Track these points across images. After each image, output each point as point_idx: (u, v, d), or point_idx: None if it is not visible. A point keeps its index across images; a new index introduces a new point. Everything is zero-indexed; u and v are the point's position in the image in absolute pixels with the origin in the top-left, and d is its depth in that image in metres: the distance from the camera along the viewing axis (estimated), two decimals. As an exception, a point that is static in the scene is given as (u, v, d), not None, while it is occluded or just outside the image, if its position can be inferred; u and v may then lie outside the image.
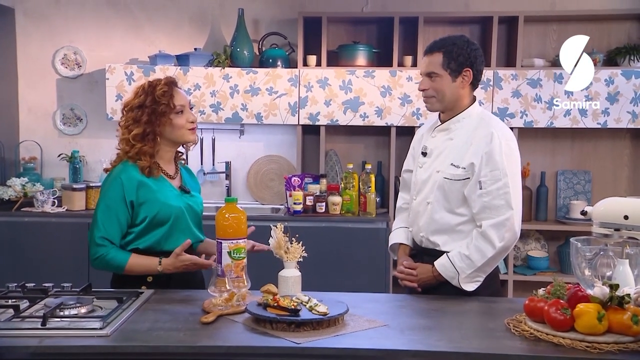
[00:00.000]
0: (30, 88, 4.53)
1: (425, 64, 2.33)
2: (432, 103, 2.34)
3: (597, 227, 1.92)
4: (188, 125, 2.32)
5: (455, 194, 2.26)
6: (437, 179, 2.30)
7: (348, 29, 4.45)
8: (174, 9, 4.49)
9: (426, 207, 2.33)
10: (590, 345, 1.65)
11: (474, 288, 2.24)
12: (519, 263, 4.39)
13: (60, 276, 2.68)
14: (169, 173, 2.36)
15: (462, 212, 2.27)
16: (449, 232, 2.29)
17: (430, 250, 2.33)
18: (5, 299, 2.00)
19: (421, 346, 1.71)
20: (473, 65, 2.30)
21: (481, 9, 4.36)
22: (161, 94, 2.26)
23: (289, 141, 4.50)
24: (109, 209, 2.24)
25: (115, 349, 1.70)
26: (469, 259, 2.21)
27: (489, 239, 2.19)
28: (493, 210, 2.19)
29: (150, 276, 2.26)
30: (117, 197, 2.24)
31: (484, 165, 2.21)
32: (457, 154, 2.28)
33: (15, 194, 4.06)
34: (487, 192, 2.20)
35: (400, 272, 2.36)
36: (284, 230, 2.13)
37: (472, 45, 2.32)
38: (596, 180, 4.40)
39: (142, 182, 2.26)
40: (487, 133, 2.24)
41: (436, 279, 2.27)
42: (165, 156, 2.36)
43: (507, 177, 2.20)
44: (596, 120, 4.09)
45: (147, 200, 2.25)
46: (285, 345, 1.71)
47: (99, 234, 2.22)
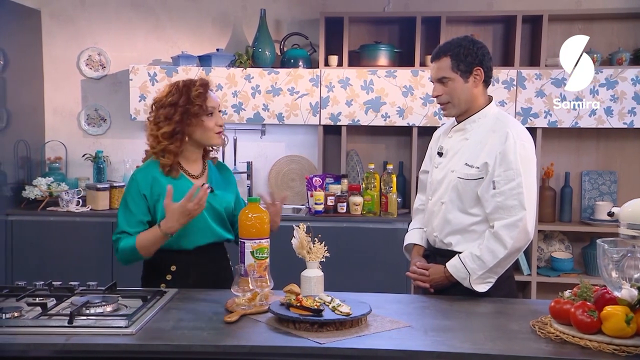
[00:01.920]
0: (56, 89, 4.60)
1: (434, 70, 2.31)
2: (449, 109, 2.33)
3: (625, 229, 1.89)
4: (216, 128, 2.32)
5: (469, 194, 2.25)
6: (452, 179, 2.29)
7: (370, 28, 4.44)
8: (197, 10, 4.53)
9: (440, 207, 2.32)
10: (618, 349, 1.63)
11: (485, 289, 2.22)
12: (543, 264, 4.33)
13: (85, 275, 2.73)
14: (192, 173, 2.36)
15: (476, 212, 2.25)
16: (462, 233, 2.27)
17: (444, 251, 2.32)
18: (32, 297, 2.03)
19: (445, 347, 1.70)
20: (482, 63, 2.28)
21: (505, 8, 4.32)
22: (196, 95, 2.27)
23: (310, 141, 4.50)
24: (127, 206, 2.29)
25: (141, 347, 1.71)
26: (480, 259, 2.19)
27: (501, 240, 2.17)
28: (506, 211, 2.18)
29: (169, 274, 2.29)
30: (134, 194, 2.29)
31: (497, 165, 2.19)
32: (471, 154, 2.27)
33: (41, 194, 4.12)
34: (500, 192, 2.18)
35: (412, 273, 2.36)
36: (307, 230, 2.14)
37: (477, 44, 2.30)
38: (622, 181, 4.33)
39: (156, 179, 2.28)
40: (502, 133, 2.23)
41: (448, 279, 2.26)
42: (191, 157, 2.37)
43: (521, 177, 2.17)
44: (622, 120, 4.03)
45: (161, 198, 2.25)
46: (308, 345, 1.71)
47: (116, 231, 2.29)
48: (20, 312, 1.87)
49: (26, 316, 1.87)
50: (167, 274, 2.30)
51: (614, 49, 4.20)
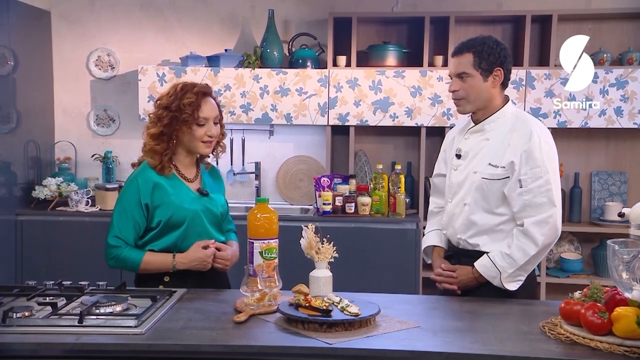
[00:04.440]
0: (65, 90, 4.62)
1: (455, 64, 2.31)
2: (463, 105, 2.32)
3: (635, 229, 1.88)
4: (205, 137, 2.29)
5: (495, 194, 2.25)
6: (475, 180, 2.28)
7: (378, 29, 4.44)
8: (205, 11, 4.54)
9: (463, 208, 2.31)
10: (629, 350, 1.62)
11: (516, 287, 2.22)
12: (552, 265, 4.31)
13: (94, 274, 2.72)
14: (187, 176, 2.36)
15: (502, 211, 2.25)
16: (489, 233, 2.27)
17: (469, 252, 2.31)
18: (43, 296, 2.04)
19: (454, 348, 1.69)
20: (503, 65, 2.29)
21: (514, 7, 4.30)
22: (187, 103, 2.24)
23: (318, 142, 4.50)
24: (125, 211, 2.26)
25: (150, 347, 1.72)
26: (510, 257, 2.19)
27: (532, 237, 2.17)
28: (535, 208, 2.18)
29: (167, 276, 2.28)
30: (133, 200, 2.26)
31: (524, 163, 2.20)
32: (495, 154, 2.27)
33: (50, 194, 4.14)
34: (528, 190, 2.19)
35: (439, 275, 2.34)
36: (315, 230, 2.13)
37: (501, 45, 2.31)
38: (632, 182, 4.30)
39: (157, 184, 2.27)
40: (526, 131, 2.23)
41: (477, 280, 2.26)
42: (184, 161, 2.36)
43: (549, 174, 2.19)
44: (632, 120, 4.00)
45: (162, 203, 2.25)
46: (317, 345, 1.71)
47: (113, 234, 2.25)
48: (30, 312, 1.88)
49: (36, 316, 1.88)
50: (165, 275, 2.29)
51: (624, 48, 4.18)
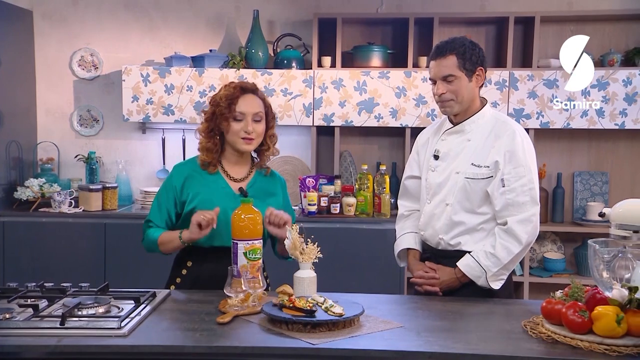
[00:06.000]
0: (48, 90, 4.58)
1: (438, 67, 2.28)
2: (451, 106, 2.30)
3: (616, 229, 1.90)
4: (241, 133, 2.29)
5: (478, 194, 2.27)
6: (458, 180, 2.30)
7: (363, 30, 4.45)
8: (190, 11, 4.52)
9: (444, 208, 2.32)
10: (608, 348, 1.64)
11: (499, 286, 2.24)
12: (535, 265, 4.35)
13: (77, 276, 2.72)
14: (233, 175, 2.37)
15: (484, 210, 2.27)
16: (471, 232, 2.29)
17: (449, 252, 2.32)
18: (24, 298, 2.02)
19: (437, 348, 1.70)
20: (483, 64, 2.32)
21: (497, 9, 4.34)
22: (223, 96, 2.30)
23: (303, 142, 4.50)
24: (159, 196, 2.38)
25: (133, 348, 1.71)
26: (494, 256, 2.21)
27: (516, 235, 2.19)
28: (517, 207, 2.21)
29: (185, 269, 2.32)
30: (167, 185, 2.37)
31: (507, 162, 2.23)
32: (478, 154, 2.29)
33: (33, 195, 4.10)
34: (510, 189, 2.21)
35: (420, 277, 2.33)
36: (299, 231, 2.14)
37: (477, 45, 2.33)
38: (613, 182, 4.35)
39: (190, 175, 2.34)
40: (510, 131, 2.26)
41: (459, 280, 2.27)
42: (231, 158, 2.38)
43: (532, 174, 2.23)
44: (614, 121, 4.05)
45: (191, 193, 2.31)
46: (300, 346, 1.71)
47: (147, 217, 2.36)
48: (11, 314, 1.86)
49: (18, 318, 1.86)
50: (183, 268, 2.34)
51: (605, 50, 4.22)
